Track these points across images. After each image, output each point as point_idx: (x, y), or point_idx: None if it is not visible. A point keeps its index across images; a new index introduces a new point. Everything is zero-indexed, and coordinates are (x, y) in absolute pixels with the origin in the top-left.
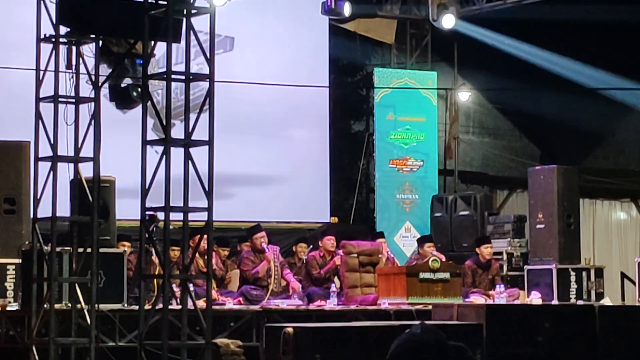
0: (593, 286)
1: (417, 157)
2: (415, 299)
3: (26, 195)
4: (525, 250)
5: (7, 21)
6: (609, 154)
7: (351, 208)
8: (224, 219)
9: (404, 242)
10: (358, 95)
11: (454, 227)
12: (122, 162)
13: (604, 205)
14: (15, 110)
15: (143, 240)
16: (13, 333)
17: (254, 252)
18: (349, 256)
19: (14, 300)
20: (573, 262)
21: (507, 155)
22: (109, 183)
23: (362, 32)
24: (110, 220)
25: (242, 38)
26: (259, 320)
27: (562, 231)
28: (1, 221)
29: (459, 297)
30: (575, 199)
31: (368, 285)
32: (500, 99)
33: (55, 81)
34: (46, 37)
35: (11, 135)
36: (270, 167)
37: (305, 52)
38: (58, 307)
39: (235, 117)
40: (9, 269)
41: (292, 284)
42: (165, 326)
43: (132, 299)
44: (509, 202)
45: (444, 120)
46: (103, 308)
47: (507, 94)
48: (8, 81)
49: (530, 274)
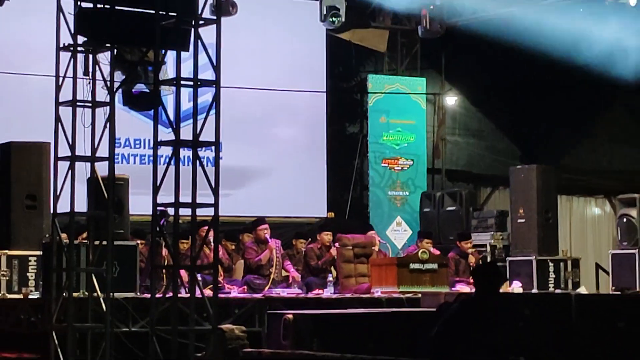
0: (570, 276)
1: (407, 157)
2: (405, 287)
3: (46, 192)
4: (507, 243)
5: (29, 32)
6: (584, 154)
7: (346, 204)
8: (229, 213)
9: (395, 236)
10: (353, 99)
11: (441, 222)
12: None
13: (579, 202)
14: (37, 114)
15: (154, 233)
16: (34, 319)
17: (257, 242)
18: (344, 248)
19: (35, 289)
20: (551, 254)
21: (490, 155)
22: (123, 181)
23: (356, 42)
24: (124, 215)
25: (246, 47)
26: (262, 307)
27: (541, 225)
28: (23, 216)
29: (446, 286)
30: (553, 196)
31: (362, 275)
32: (484, 103)
33: (74, 87)
34: (65, 46)
35: (32, 136)
36: (271, 166)
37: (304, 60)
38: (76, 295)
39: (240, 119)
40: (31, 260)
41: (292, 274)
42: (175, 313)
43: (144, 287)
44: (492, 198)
45: (432, 122)
46: (117, 296)
47: (490, 98)
48: (30, 87)
49: (512, 264)
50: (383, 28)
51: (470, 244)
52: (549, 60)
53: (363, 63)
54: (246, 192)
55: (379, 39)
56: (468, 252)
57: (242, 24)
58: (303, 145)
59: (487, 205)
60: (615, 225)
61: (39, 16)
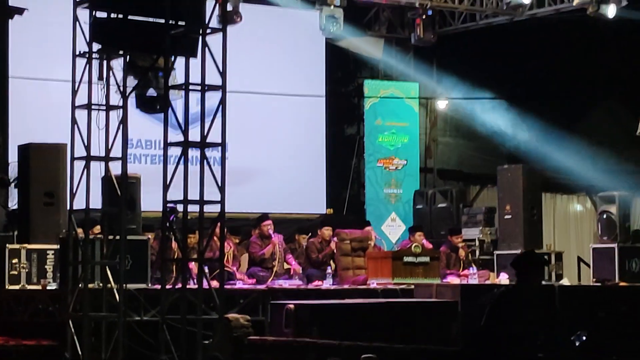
0: (553, 268)
1: (401, 157)
2: (399, 279)
3: (63, 189)
4: (495, 237)
5: (47, 40)
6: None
7: (345, 201)
8: (234, 210)
9: (390, 230)
10: (350, 103)
11: (433, 218)
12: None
13: (562, 199)
14: (54, 117)
15: (164, 228)
16: (52, 309)
17: (261, 237)
18: (342, 242)
19: (53, 281)
20: (536, 247)
21: (479, 156)
22: (135, 179)
23: (353, 49)
24: (136, 211)
25: (251, 55)
26: (265, 297)
27: (527, 221)
28: (42, 212)
29: (438, 278)
30: (538, 193)
31: (359, 268)
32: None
33: (89, 91)
34: (81, 53)
35: (50, 138)
36: (274, 165)
37: (305, 66)
38: (91, 287)
39: (245, 122)
40: (49, 253)
41: (294, 267)
42: (184, 303)
43: (155, 279)
44: (481, 195)
45: (424, 125)
46: (130, 287)
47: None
48: (48, 91)
49: (499, 258)
50: (379, 36)
51: (461, 238)
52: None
53: (360, 69)
54: (250, 190)
55: (374, 47)
56: (458, 246)
57: (247, 32)
58: (304, 146)
59: (476, 202)
60: (596, 221)
61: (57, 25)
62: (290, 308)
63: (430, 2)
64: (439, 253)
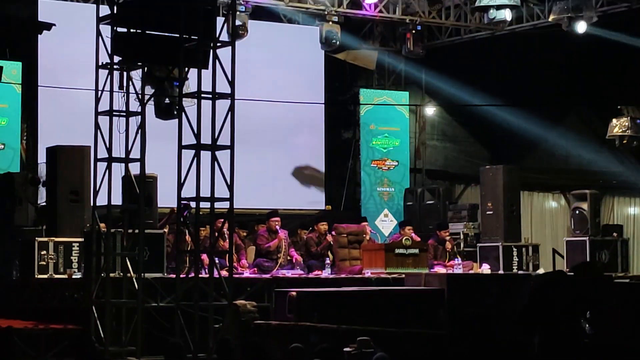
0: (531, 259)
1: (393, 159)
2: (391, 269)
3: (87, 188)
4: (478, 231)
5: (73, 52)
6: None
7: (342, 198)
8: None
9: (383, 225)
10: (347, 110)
11: (421, 213)
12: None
13: (539, 197)
14: (79, 122)
15: (179, 223)
16: (77, 296)
17: (268, 231)
18: (339, 236)
19: (78, 271)
20: (515, 240)
21: (464, 157)
22: (152, 179)
23: (350, 61)
24: (153, 207)
25: (257, 66)
26: (270, 286)
27: (507, 217)
28: (68, 209)
29: (426, 268)
30: (517, 192)
31: (355, 259)
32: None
33: (110, 99)
34: (103, 65)
35: (76, 141)
36: (277, 166)
37: (306, 76)
38: (112, 276)
39: (252, 127)
40: (74, 246)
41: (296, 258)
42: (197, 290)
43: (170, 269)
44: (465, 193)
45: (414, 129)
46: (148, 276)
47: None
48: (73, 99)
49: (482, 250)
50: (372, 49)
51: (448, 232)
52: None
53: (356, 79)
54: (256, 188)
55: (369, 59)
56: (446, 239)
57: (254, 46)
58: (305, 149)
59: (460, 200)
60: (569, 216)
61: (81, 39)
62: (292, 295)
63: (420, 18)
64: (427, 245)
